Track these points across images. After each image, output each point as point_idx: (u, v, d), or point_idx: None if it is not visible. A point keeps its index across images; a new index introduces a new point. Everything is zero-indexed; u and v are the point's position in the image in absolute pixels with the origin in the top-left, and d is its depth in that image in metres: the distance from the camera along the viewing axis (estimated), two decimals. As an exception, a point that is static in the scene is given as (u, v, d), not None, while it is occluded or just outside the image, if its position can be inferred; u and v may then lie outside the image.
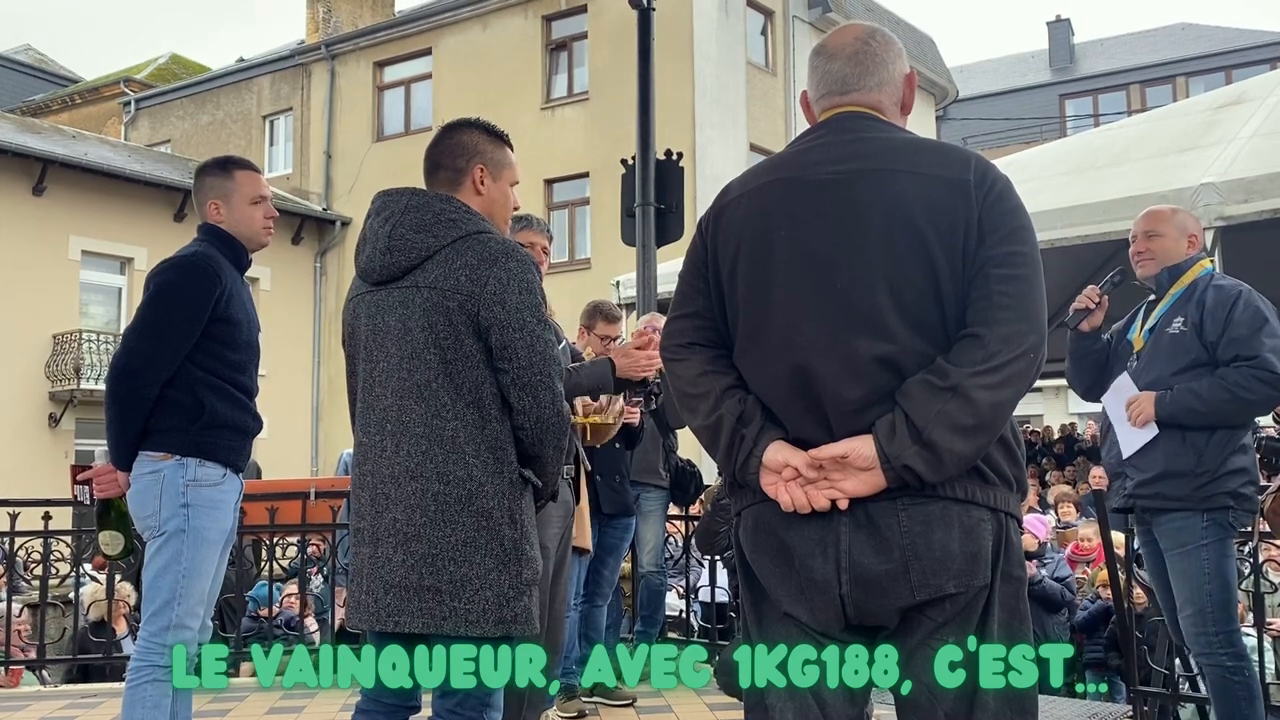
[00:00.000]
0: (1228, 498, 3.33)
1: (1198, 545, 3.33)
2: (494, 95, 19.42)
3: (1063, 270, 7.76)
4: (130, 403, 2.96)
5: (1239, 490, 3.33)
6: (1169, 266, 3.52)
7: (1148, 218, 3.62)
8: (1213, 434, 3.34)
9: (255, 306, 3.27)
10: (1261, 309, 3.36)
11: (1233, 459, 3.34)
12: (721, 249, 1.95)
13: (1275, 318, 3.36)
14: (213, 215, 3.15)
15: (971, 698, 1.79)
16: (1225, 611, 3.33)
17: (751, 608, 1.96)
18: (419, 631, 2.35)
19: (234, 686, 5.53)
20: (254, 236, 3.20)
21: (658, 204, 6.27)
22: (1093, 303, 3.69)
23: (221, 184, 3.16)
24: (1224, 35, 31.68)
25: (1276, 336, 3.31)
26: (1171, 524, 3.39)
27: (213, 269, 3.03)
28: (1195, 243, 3.57)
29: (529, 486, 2.43)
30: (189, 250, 3.10)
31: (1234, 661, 3.32)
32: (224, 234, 3.14)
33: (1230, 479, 3.32)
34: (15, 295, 17.13)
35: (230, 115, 24.48)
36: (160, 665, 2.92)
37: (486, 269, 2.36)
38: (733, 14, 19.52)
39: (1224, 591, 3.33)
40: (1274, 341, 3.30)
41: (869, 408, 1.79)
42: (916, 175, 1.82)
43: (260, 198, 3.20)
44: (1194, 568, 3.35)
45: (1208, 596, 3.31)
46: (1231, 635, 3.33)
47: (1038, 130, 28.67)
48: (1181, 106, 8.95)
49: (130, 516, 3.08)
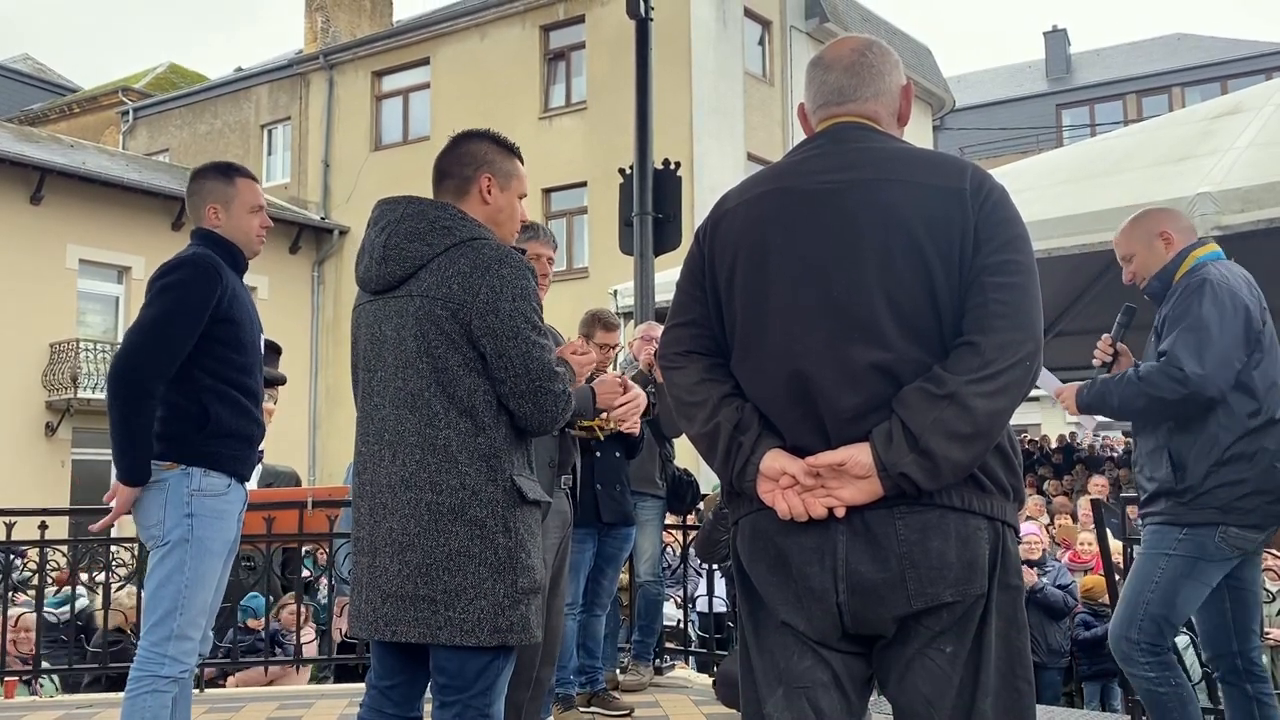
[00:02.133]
0: (1216, 513, 3.07)
1: (1161, 553, 3.14)
2: (492, 105, 19.45)
3: (1059, 279, 7.78)
4: (133, 401, 2.90)
5: (1233, 504, 3.05)
6: (1156, 273, 3.36)
7: (1116, 243, 3.49)
8: (1193, 445, 3.11)
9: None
10: (1201, 303, 3.10)
11: (1220, 471, 3.07)
12: (719, 258, 1.95)
13: (1226, 314, 3.08)
14: (211, 219, 3.16)
15: (969, 707, 1.79)
16: (1155, 626, 3.12)
17: (749, 616, 1.96)
18: (415, 641, 2.35)
19: (231, 696, 5.53)
20: (249, 244, 3.21)
21: (656, 213, 6.28)
22: (1108, 355, 3.47)
23: (223, 189, 3.17)
24: (1220, 45, 31.80)
25: (1199, 331, 3.07)
26: (1149, 527, 3.24)
27: (214, 268, 3.03)
28: (1170, 238, 3.34)
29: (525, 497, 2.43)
30: (188, 252, 3.09)
31: (1156, 673, 3.12)
32: (220, 239, 3.14)
33: (1218, 493, 3.06)
34: (12, 304, 17.12)
35: (228, 124, 24.51)
36: (161, 675, 2.90)
37: (479, 276, 2.36)
38: (730, 24, 19.58)
39: (1164, 609, 3.11)
40: (1192, 337, 3.07)
41: (866, 415, 1.79)
42: (913, 185, 1.83)
43: (258, 206, 3.22)
44: (1145, 572, 3.17)
45: (1143, 605, 3.13)
46: (1155, 647, 3.12)
47: (1034, 140, 28.77)
48: (1178, 116, 8.97)
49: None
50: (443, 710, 2.39)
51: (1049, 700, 6.52)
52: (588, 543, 4.65)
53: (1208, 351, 3.05)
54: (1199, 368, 3.04)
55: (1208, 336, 3.06)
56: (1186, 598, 3.12)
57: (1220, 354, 3.05)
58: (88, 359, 17.65)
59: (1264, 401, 3.10)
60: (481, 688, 2.38)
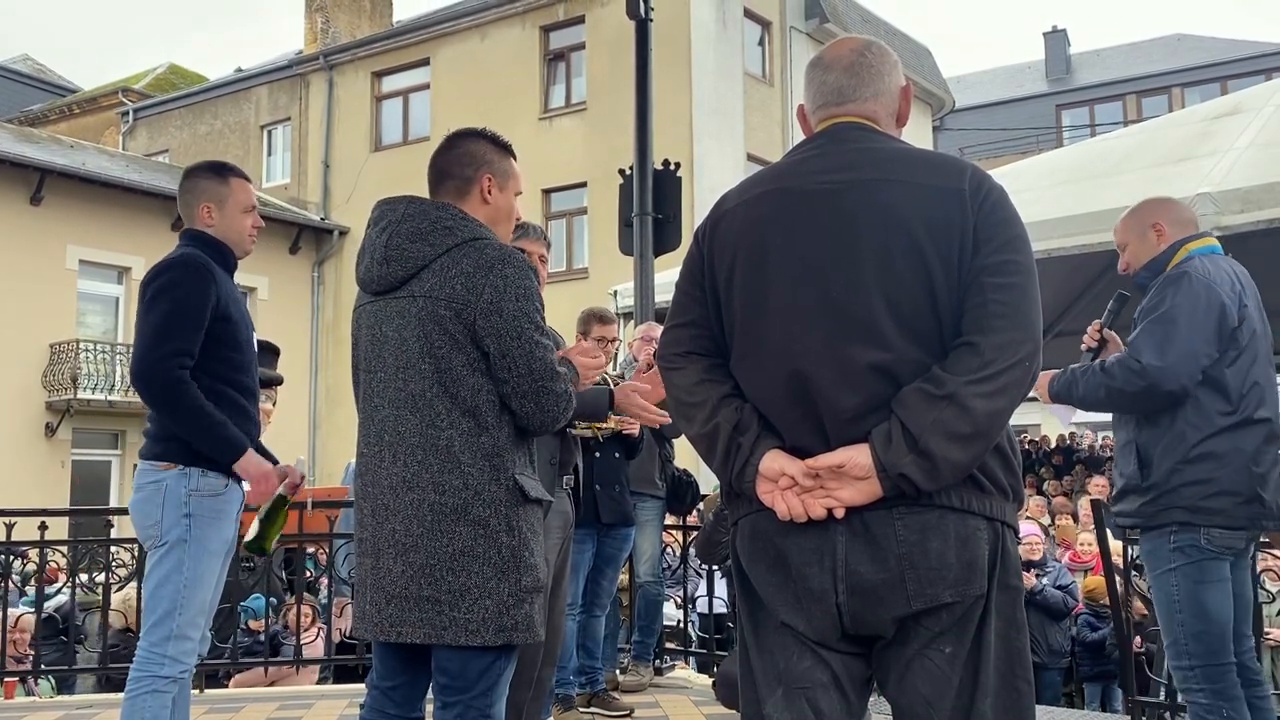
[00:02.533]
0: (1184, 513, 2.98)
1: (1165, 570, 3.03)
2: (492, 105, 19.45)
3: (1059, 280, 7.77)
4: (172, 393, 2.89)
5: (1200, 504, 2.96)
6: (1146, 264, 3.30)
7: (1114, 231, 3.45)
8: (1160, 441, 3.03)
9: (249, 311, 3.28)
10: (1174, 296, 3.04)
11: (1186, 469, 2.99)
12: (718, 258, 1.95)
13: (1198, 308, 3.00)
14: (204, 218, 3.15)
15: (969, 708, 1.79)
16: (1201, 644, 2.97)
17: (748, 617, 1.96)
18: (420, 642, 2.35)
19: (231, 696, 5.53)
20: (241, 243, 3.20)
21: (655, 214, 6.28)
22: (1094, 341, 3.42)
23: (217, 189, 3.17)
24: (1220, 46, 31.81)
25: (1166, 324, 2.99)
26: (1145, 545, 3.13)
27: (205, 267, 3.03)
28: (1161, 230, 3.26)
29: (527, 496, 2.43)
30: (177, 253, 3.09)
31: (1209, 700, 2.96)
32: (211, 239, 3.14)
33: (1184, 492, 2.98)
34: (12, 305, 17.12)
35: (228, 125, 24.51)
36: (160, 676, 2.90)
37: (482, 276, 2.36)
38: (730, 25, 19.58)
39: (1200, 622, 2.97)
40: (1158, 329, 3.00)
41: (865, 416, 1.79)
42: (912, 185, 1.83)
43: (251, 207, 3.22)
44: (1163, 595, 3.05)
45: (1180, 627, 3.00)
46: (1211, 670, 2.96)
47: (1034, 140, 28.78)
48: (1178, 117, 8.97)
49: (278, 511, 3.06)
50: (445, 710, 2.39)
51: (1049, 701, 6.52)
52: (587, 543, 4.65)
53: (1170, 345, 2.97)
54: (1157, 360, 2.96)
55: (1174, 330, 2.98)
56: (1214, 602, 2.99)
57: (1184, 348, 2.96)
58: (87, 359, 17.64)
59: (1239, 401, 3.01)
60: (483, 688, 2.38)
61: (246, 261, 3.32)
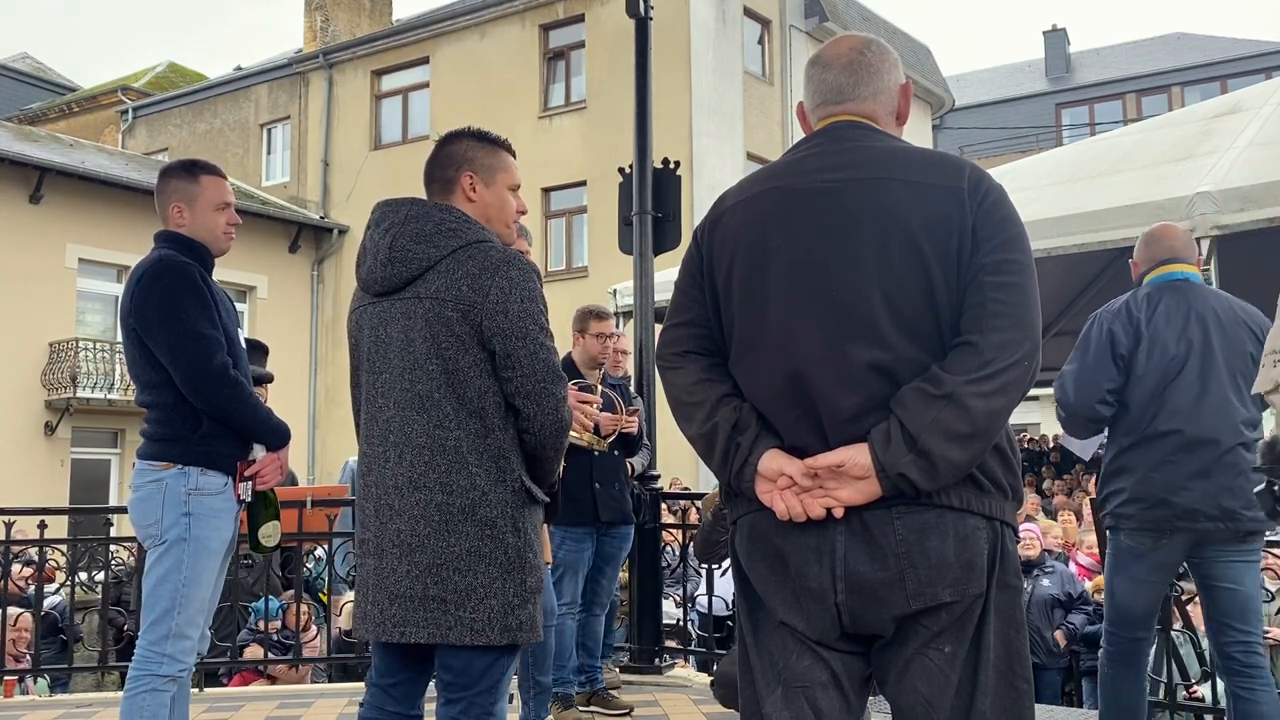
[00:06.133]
0: (1110, 518, 3.43)
1: (1108, 557, 3.53)
2: (491, 104, 19.45)
3: (1058, 279, 7.78)
4: (238, 392, 2.95)
5: (1117, 511, 3.38)
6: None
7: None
8: (1103, 459, 3.47)
9: (237, 312, 3.29)
10: (1085, 334, 3.42)
11: (1108, 481, 3.43)
12: (717, 257, 1.95)
13: (1093, 341, 3.37)
14: (175, 218, 3.14)
15: (968, 707, 1.79)
16: (1112, 615, 3.48)
17: (747, 616, 1.96)
18: (425, 642, 2.35)
19: (231, 695, 5.53)
20: (215, 241, 3.18)
21: (655, 212, 6.26)
22: None
23: (186, 188, 3.15)
24: (1219, 45, 31.81)
25: (1076, 361, 3.40)
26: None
27: (181, 266, 3.02)
28: (1136, 264, 3.59)
29: (532, 496, 2.43)
30: (155, 255, 3.07)
31: (1106, 657, 3.50)
32: (184, 239, 3.11)
33: (1109, 501, 3.42)
34: (12, 303, 17.11)
35: (228, 124, 24.50)
36: (159, 675, 2.90)
37: (488, 278, 2.36)
38: (730, 23, 19.57)
39: (1111, 599, 3.47)
40: (1071, 366, 3.40)
41: (864, 415, 1.79)
42: (911, 184, 1.83)
43: (225, 204, 3.18)
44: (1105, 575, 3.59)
45: (1108, 598, 3.51)
46: (1113, 636, 3.47)
47: (1034, 139, 28.78)
48: (1177, 116, 8.97)
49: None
50: (447, 708, 2.40)
51: (1049, 700, 6.52)
52: (586, 542, 4.64)
53: (1076, 380, 3.38)
54: (1069, 396, 3.39)
55: (1080, 365, 3.39)
56: (1121, 589, 3.44)
57: (1085, 379, 3.36)
58: (87, 358, 17.62)
59: (1139, 417, 3.33)
60: (486, 685, 2.38)
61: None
